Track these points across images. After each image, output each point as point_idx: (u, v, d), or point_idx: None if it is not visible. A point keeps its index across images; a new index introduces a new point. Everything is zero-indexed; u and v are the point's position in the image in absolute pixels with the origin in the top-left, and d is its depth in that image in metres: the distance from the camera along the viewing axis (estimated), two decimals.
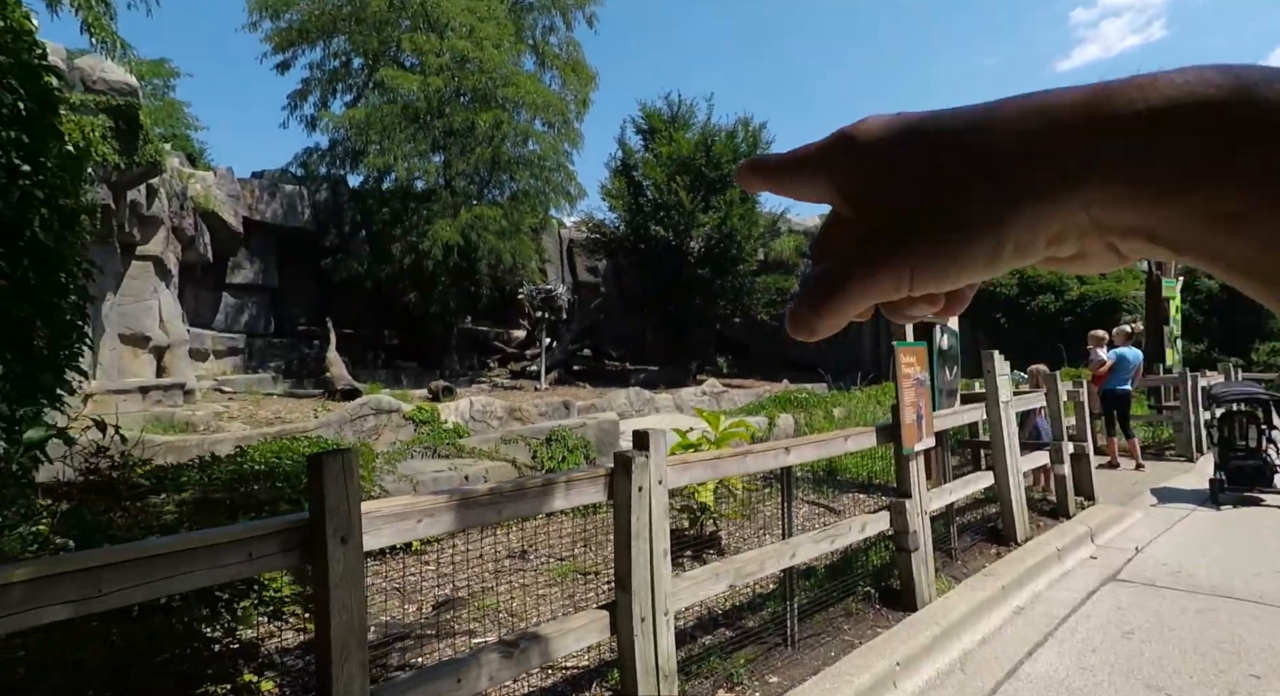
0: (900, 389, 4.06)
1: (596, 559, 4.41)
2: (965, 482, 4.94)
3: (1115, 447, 8.77)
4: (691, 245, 19.44)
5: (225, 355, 17.47)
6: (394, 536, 1.73)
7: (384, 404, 11.71)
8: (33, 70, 3.16)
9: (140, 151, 10.54)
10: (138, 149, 10.45)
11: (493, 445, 5.85)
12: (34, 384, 2.98)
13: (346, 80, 18.97)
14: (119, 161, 9.98)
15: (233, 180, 17.60)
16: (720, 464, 2.91)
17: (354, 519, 1.56)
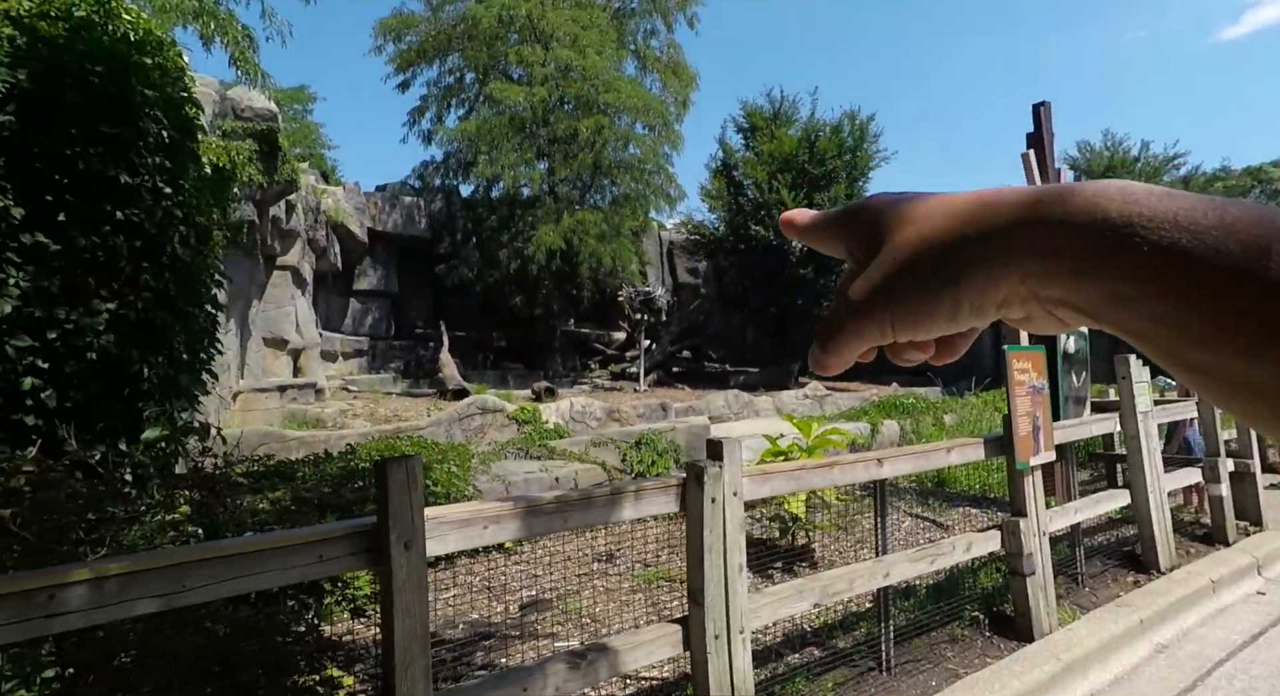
0: (1013, 397, 3.70)
1: (682, 566, 4.34)
2: (1094, 501, 4.44)
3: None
4: (794, 244, 18.92)
5: (352, 356, 18.87)
6: (459, 542, 1.75)
7: (489, 404, 12.24)
8: (175, 102, 3.51)
9: (279, 170, 11.58)
10: (277, 168, 11.49)
11: (583, 448, 5.92)
12: (174, 385, 3.31)
13: (460, 95, 19.98)
14: (262, 181, 11.03)
15: (359, 194, 19.01)
16: (804, 475, 2.76)
17: (417, 525, 1.59)
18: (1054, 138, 5.91)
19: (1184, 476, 5.26)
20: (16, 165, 2.92)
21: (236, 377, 11.83)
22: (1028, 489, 3.75)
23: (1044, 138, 5.75)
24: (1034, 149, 5.76)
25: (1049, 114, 5.79)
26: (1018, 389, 3.74)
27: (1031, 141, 5.81)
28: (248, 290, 12.40)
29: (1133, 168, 24.71)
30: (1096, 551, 4.82)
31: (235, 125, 10.65)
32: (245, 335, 12.70)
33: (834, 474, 2.91)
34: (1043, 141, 5.74)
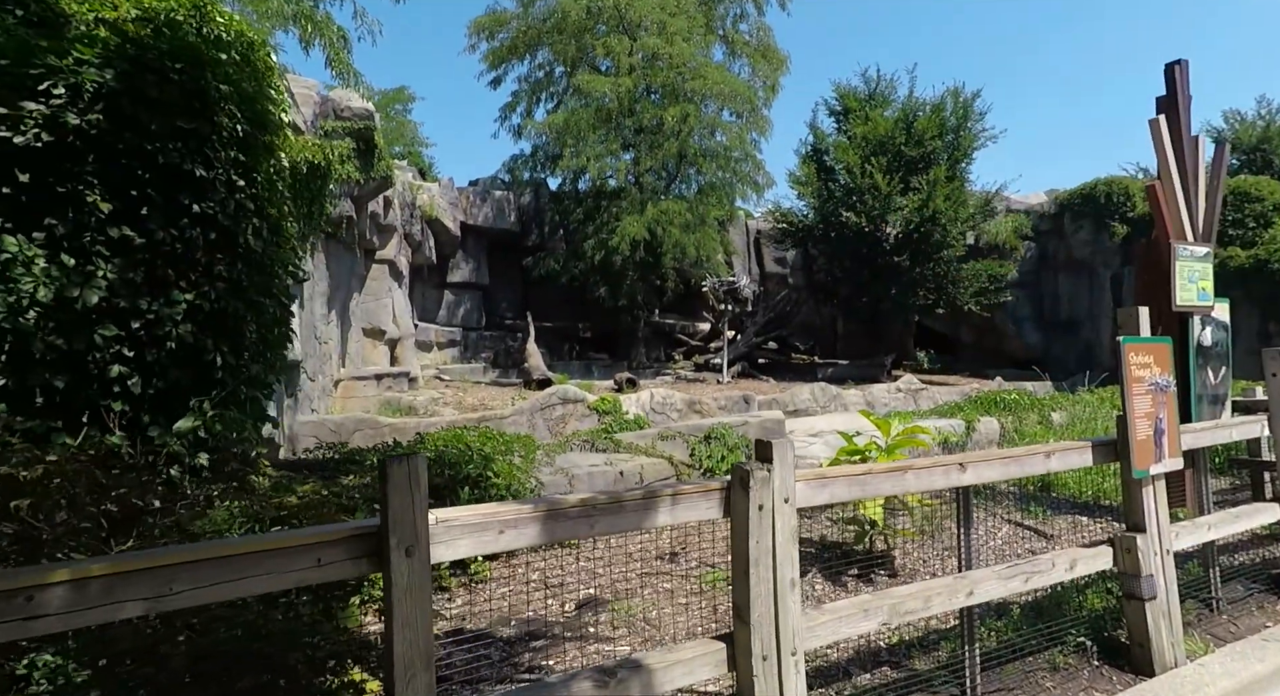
0: (1129, 396, 3.20)
1: None
2: (1234, 516, 3.81)
3: None
4: (887, 230, 17.93)
5: (445, 346, 19.62)
6: (471, 548, 1.62)
7: (570, 394, 12.33)
8: (249, 97, 3.61)
9: (375, 167, 12.08)
10: (373, 165, 12.00)
11: (650, 441, 5.76)
12: (245, 373, 3.41)
13: (549, 89, 20.20)
14: (359, 178, 11.54)
15: (452, 189, 19.66)
16: (870, 481, 2.46)
17: (420, 530, 1.47)
18: (1190, 101, 5.14)
19: None
20: (104, 161, 3.06)
21: (338, 366, 12.52)
22: (1147, 501, 3.24)
23: (1178, 101, 5.00)
24: (1166, 114, 5.02)
25: (1185, 74, 5.03)
26: (1135, 386, 3.22)
27: (1163, 106, 5.07)
28: (348, 282, 13.08)
29: None
30: (1237, 573, 4.15)
31: (335, 125, 11.19)
32: (346, 326, 13.42)
33: (907, 479, 2.58)
34: (1176, 106, 5.00)
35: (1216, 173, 5.31)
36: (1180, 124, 4.98)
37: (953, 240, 17.28)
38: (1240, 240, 15.27)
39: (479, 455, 4.18)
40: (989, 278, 17.93)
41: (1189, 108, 5.10)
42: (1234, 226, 15.31)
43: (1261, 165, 20.31)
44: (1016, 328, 20.26)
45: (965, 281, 17.90)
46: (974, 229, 18.28)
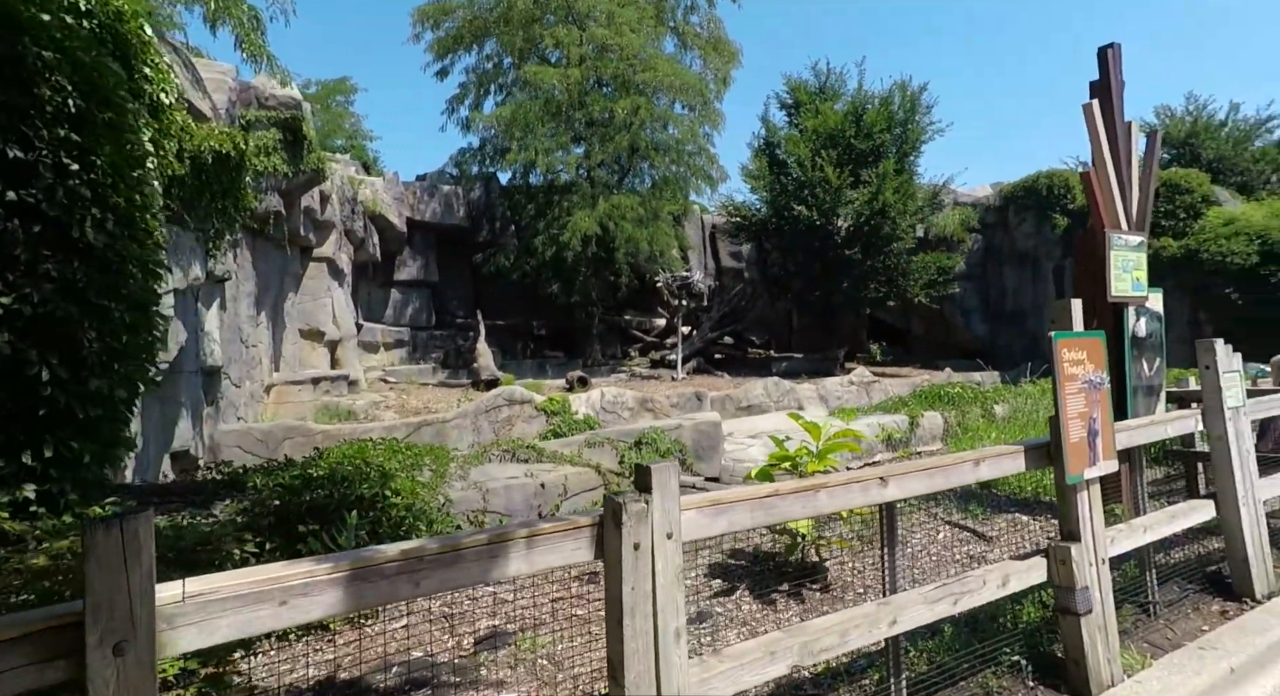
0: (1062, 395, 2.98)
1: None
2: (1169, 516, 3.65)
3: None
4: (839, 223, 17.89)
5: (392, 347, 18.92)
6: (236, 629, 1.25)
7: (517, 395, 11.89)
8: (86, 67, 3.12)
9: (305, 160, 11.40)
10: (303, 158, 11.32)
11: (575, 449, 5.41)
12: (83, 389, 2.94)
13: (497, 80, 19.61)
14: (287, 171, 10.86)
15: (398, 183, 18.94)
16: (776, 505, 2.16)
17: (139, 618, 1.10)
18: (1124, 86, 5.00)
19: None
20: None
21: (270, 370, 11.84)
22: (1081, 507, 3.03)
23: (1111, 86, 4.85)
24: (1099, 99, 4.87)
25: (1118, 58, 4.88)
26: (1069, 384, 3.01)
27: (1096, 91, 4.92)
28: (280, 281, 12.38)
29: (1218, 133, 22.44)
30: (1173, 573, 4.02)
31: (259, 115, 10.50)
32: (279, 327, 12.71)
33: (819, 500, 2.29)
34: (1109, 90, 4.85)
35: (1149, 161, 5.20)
36: (1113, 109, 4.84)
37: (902, 233, 17.33)
38: (1172, 231, 15.63)
39: (377, 472, 3.77)
40: (937, 270, 18.06)
41: (1122, 93, 4.97)
42: (1166, 217, 15.66)
43: (1190, 159, 20.93)
44: (965, 319, 20.51)
45: (915, 274, 17.99)
46: (923, 222, 18.39)
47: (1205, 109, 22.77)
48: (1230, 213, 15.23)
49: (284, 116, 10.79)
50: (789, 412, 5.07)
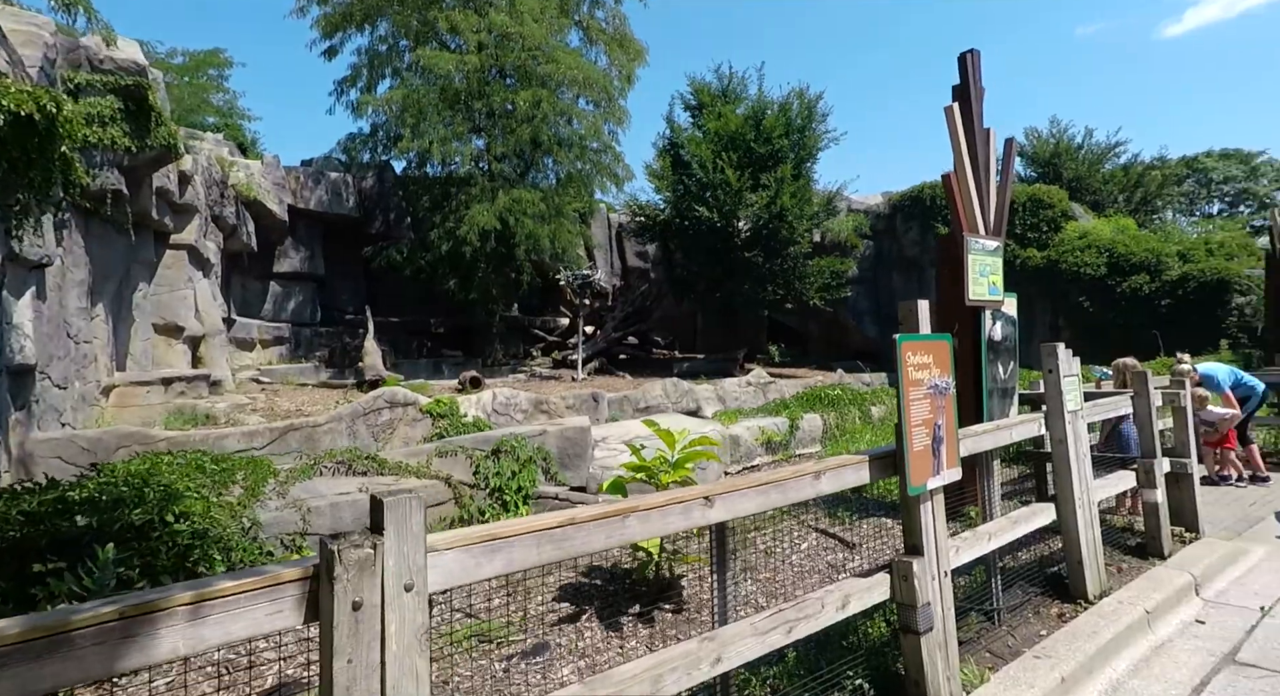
0: (905, 401, 2.83)
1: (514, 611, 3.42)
2: (1012, 522, 3.64)
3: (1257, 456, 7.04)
4: (739, 226, 18.08)
5: (271, 344, 17.50)
6: None
7: (399, 397, 11.13)
8: None
9: (153, 134, 10.15)
10: (150, 131, 10.07)
11: (424, 459, 4.93)
12: None
13: (392, 63, 18.49)
14: (129, 145, 9.59)
15: (278, 168, 17.51)
16: (573, 536, 1.83)
17: None
18: (983, 93, 5.07)
19: (1118, 482, 4.53)
20: None
21: (109, 369, 10.50)
22: (924, 519, 2.90)
23: (970, 91, 4.89)
24: (959, 103, 4.90)
25: (977, 64, 4.93)
26: (913, 390, 2.87)
27: (957, 94, 4.95)
28: (125, 270, 11.01)
29: (1076, 154, 24.45)
30: (1018, 576, 4.04)
31: (91, 78, 9.22)
32: (125, 321, 11.33)
33: (628, 527, 1.98)
34: (969, 95, 4.89)
35: (1006, 167, 5.31)
36: (973, 113, 4.88)
37: (799, 237, 17.70)
38: (1036, 242, 16.78)
39: (158, 492, 3.17)
40: (832, 274, 18.59)
41: (981, 98, 5.03)
42: (1031, 230, 16.79)
43: (1053, 177, 22.67)
44: (858, 322, 21.28)
45: (811, 277, 18.43)
46: (818, 227, 18.88)
47: (1066, 132, 24.76)
48: (1084, 227, 16.51)
49: (124, 83, 9.53)
50: (644, 420, 4.80)
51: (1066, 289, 15.96)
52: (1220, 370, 7.02)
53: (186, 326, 12.93)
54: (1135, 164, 25.26)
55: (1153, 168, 26.11)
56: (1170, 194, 28.26)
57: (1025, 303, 17.14)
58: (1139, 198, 24.52)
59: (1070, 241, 16.30)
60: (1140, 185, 24.66)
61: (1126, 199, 24.13)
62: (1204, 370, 6.91)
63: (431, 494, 4.43)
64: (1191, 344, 13.49)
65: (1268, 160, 31.79)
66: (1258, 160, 31.89)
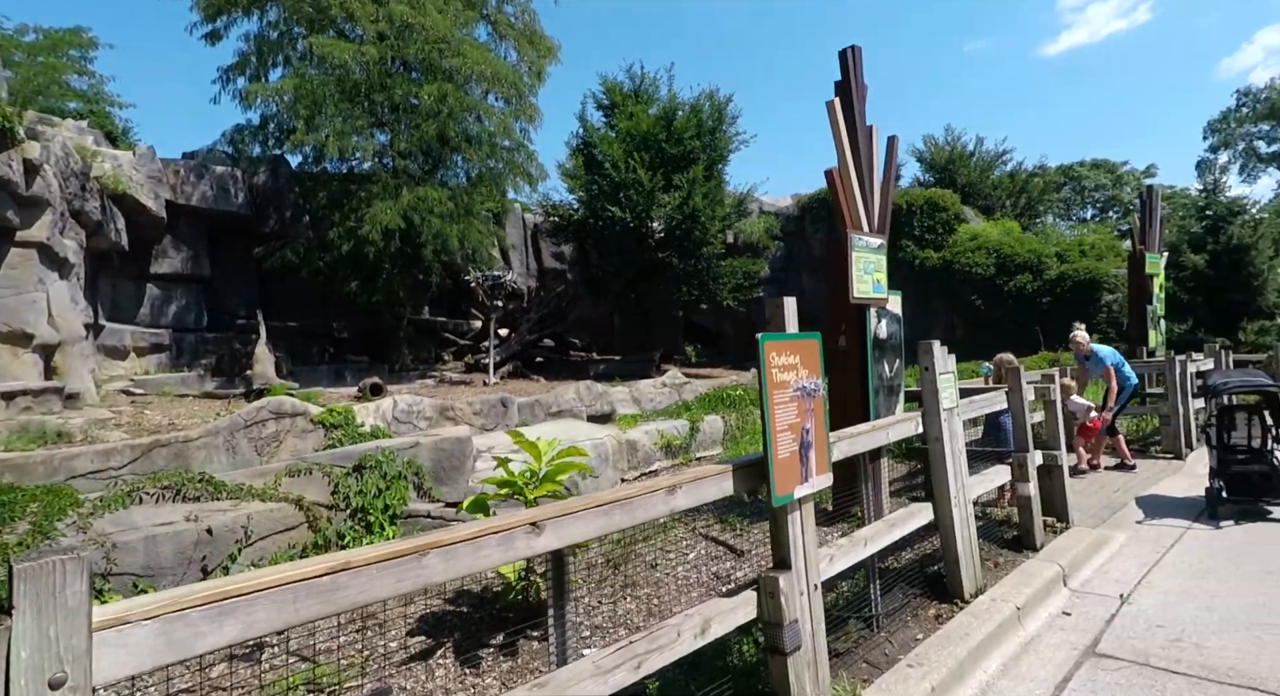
0: (770, 405, 2.64)
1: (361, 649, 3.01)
2: (889, 525, 3.54)
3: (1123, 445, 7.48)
4: (653, 226, 17.97)
5: (149, 352, 15.96)
6: None
7: (286, 407, 10.30)
8: None
9: None
10: None
11: (272, 479, 4.42)
12: None
13: (284, 51, 17.25)
14: None
15: (153, 160, 16.00)
16: (344, 585, 1.47)
17: None
18: (866, 90, 5.03)
19: (994, 476, 4.58)
20: None
21: None
22: (792, 530, 2.72)
23: (852, 87, 4.83)
24: (841, 99, 4.83)
25: (858, 60, 4.87)
26: (778, 393, 2.69)
27: (839, 90, 4.89)
28: None
29: (969, 161, 25.81)
30: (900, 577, 3.98)
31: None
32: None
33: (427, 567, 1.65)
34: (851, 91, 4.83)
35: (890, 164, 5.31)
36: (854, 110, 4.82)
37: (712, 237, 17.78)
38: (933, 244, 17.52)
39: None
40: (744, 274, 18.78)
41: (864, 96, 4.98)
42: (929, 232, 17.52)
43: (949, 182, 23.86)
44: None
45: (724, 278, 18.56)
46: (730, 228, 19.04)
47: (959, 140, 26.13)
48: (975, 229, 17.38)
49: None
50: (508, 430, 4.48)
51: (960, 288, 16.72)
52: (1108, 351, 7.42)
53: (37, 333, 11.52)
54: (1020, 171, 26.98)
55: (1035, 175, 27.98)
56: (1050, 199, 30.39)
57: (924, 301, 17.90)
58: (1024, 203, 26.19)
59: (963, 243, 17.10)
60: (1025, 191, 26.34)
61: (1013, 204, 25.71)
62: (1096, 347, 7.30)
63: (278, 519, 3.92)
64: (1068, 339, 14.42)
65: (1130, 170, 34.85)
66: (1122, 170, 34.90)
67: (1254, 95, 31.60)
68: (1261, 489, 5.18)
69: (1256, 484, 5.18)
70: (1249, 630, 3.38)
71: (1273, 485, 5.19)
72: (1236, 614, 3.59)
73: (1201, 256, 13.61)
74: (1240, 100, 31.82)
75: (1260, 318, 13.12)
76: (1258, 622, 3.46)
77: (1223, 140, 32.41)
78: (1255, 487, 5.19)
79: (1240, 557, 4.42)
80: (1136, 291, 11.11)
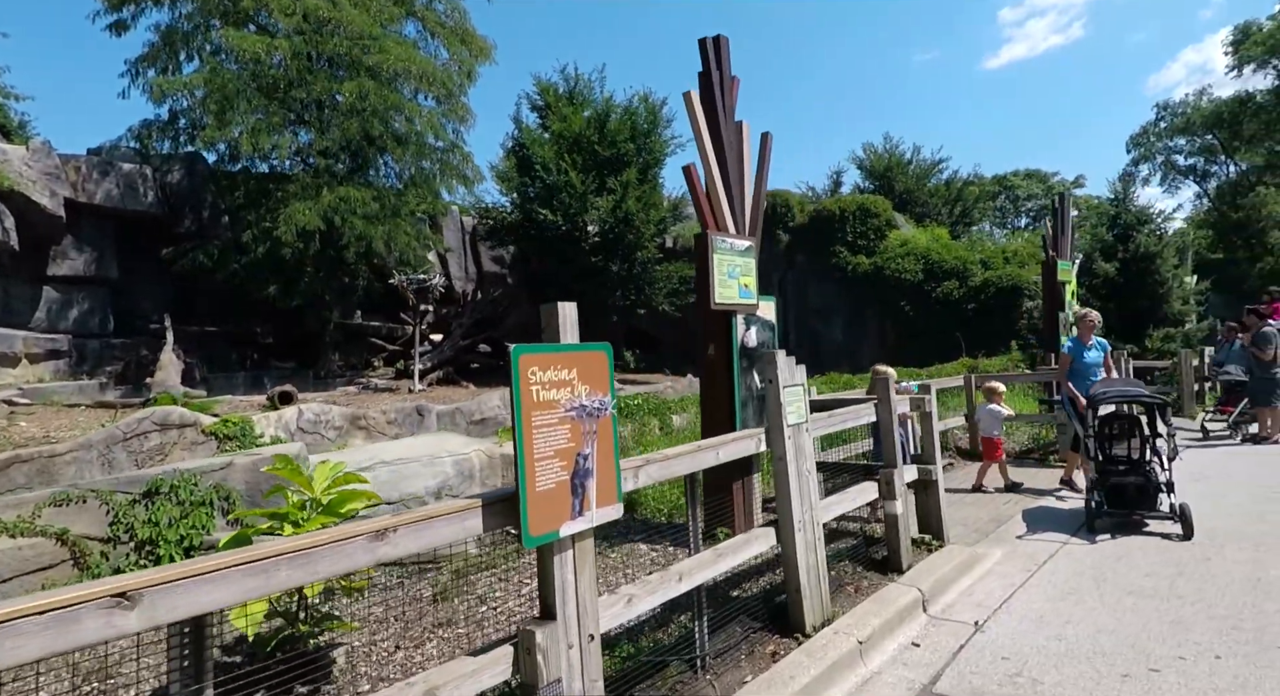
0: (525, 429, 2.24)
1: None
2: (717, 555, 3.17)
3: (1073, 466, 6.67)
4: (587, 229, 17.55)
5: (44, 359, 14.82)
6: None
7: (174, 417, 9.56)
8: None
9: None
10: None
11: (31, 509, 3.84)
12: None
13: (195, 44, 16.29)
14: None
15: (50, 155, 14.90)
16: None
17: None
18: (735, 83, 4.70)
19: (857, 496, 4.27)
20: None
21: None
22: (560, 573, 2.32)
23: (715, 78, 4.49)
24: (702, 90, 4.49)
25: (725, 51, 4.54)
26: (541, 414, 2.29)
27: (701, 82, 4.55)
28: None
29: (906, 169, 26.11)
30: (743, 609, 3.62)
31: None
32: None
33: None
34: (712, 82, 4.49)
35: (763, 162, 4.99)
36: (717, 103, 4.48)
37: (646, 241, 17.45)
38: (865, 250, 17.52)
39: None
40: (680, 279, 18.50)
41: (731, 88, 4.64)
42: (861, 237, 17.52)
43: (887, 190, 24.08)
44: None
45: (659, 282, 18.25)
46: (666, 232, 18.74)
47: (897, 148, 26.42)
48: (905, 235, 17.44)
49: None
50: (276, 455, 3.99)
51: (890, 294, 16.74)
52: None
53: None
54: (955, 179, 27.45)
55: (970, 183, 28.52)
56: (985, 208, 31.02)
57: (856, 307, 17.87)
58: (959, 211, 26.62)
59: (893, 249, 17.14)
60: (960, 199, 26.79)
61: (949, 212, 26.11)
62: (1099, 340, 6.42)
63: (28, 558, 3.35)
64: (990, 344, 14.50)
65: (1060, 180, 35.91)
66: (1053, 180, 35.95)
67: (1172, 109, 32.88)
68: (1137, 501, 5.02)
69: (1132, 496, 5.02)
70: (1089, 661, 3.12)
71: (1148, 497, 5.03)
72: (1083, 642, 3.33)
73: (1112, 264, 13.87)
74: (1159, 114, 33.08)
75: (1165, 324, 13.44)
76: (1100, 652, 3.20)
77: (1144, 154, 33.63)
78: (1131, 500, 5.03)
79: (1106, 576, 4.21)
80: (1050, 298, 11.16)
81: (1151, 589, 3.96)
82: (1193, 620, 3.51)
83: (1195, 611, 3.62)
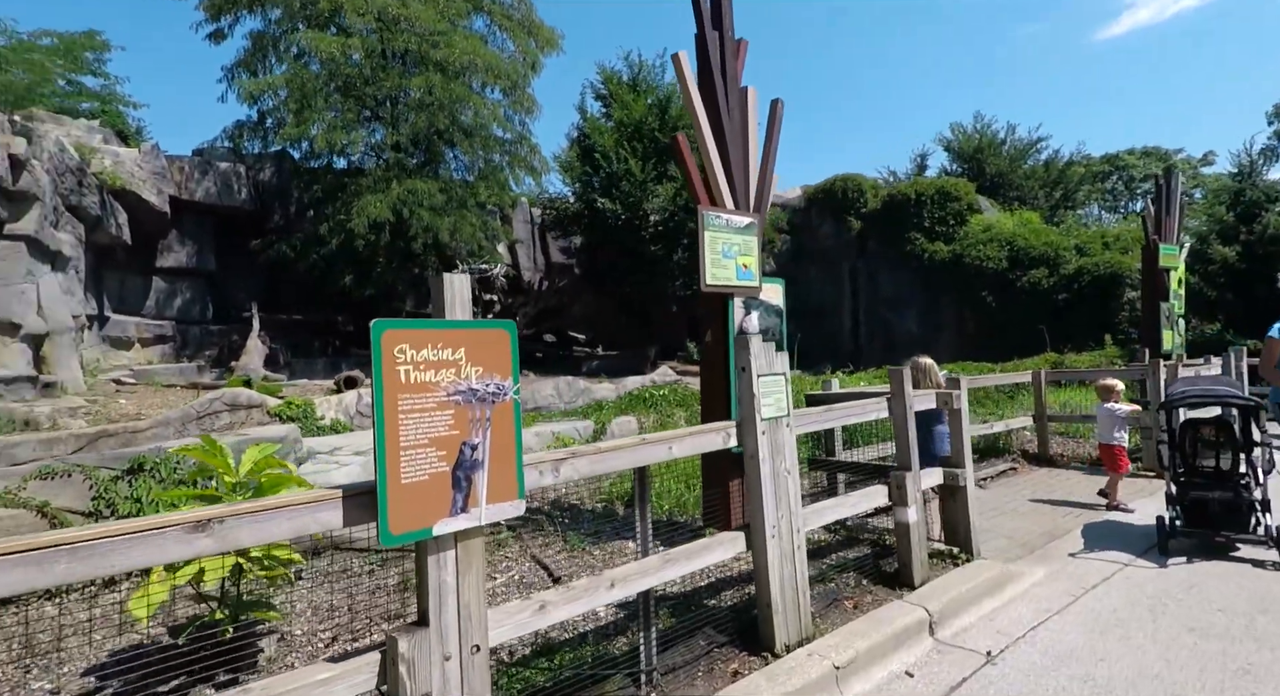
0: (388, 415, 1.98)
1: None
2: (664, 561, 2.81)
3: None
4: (649, 218, 17.25)
5: (153, 343, 16.21)
6: None
7: (242, 398, 10.13)
8: None
9: None
10: None
11: (18, 481, 3.97)
12: None
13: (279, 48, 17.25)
14: None
15: (158, 157, 16.19)
16: None
17: None
18: (741, 45, 4.25)
19: (856, 502, 3.75)
20: None
21: None
22: (437, 574, 2.06)
23: (710, 39, 4.06)
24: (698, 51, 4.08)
25: (725, 9, 4.10)
26: (410, 397, 2.02)
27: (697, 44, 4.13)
28: None
29: (999, 149, 24.12)
30: (711, 620, 3.24)
31: None
32: None
33: None
34: (708, 44, 4.06)
35: (772, 132, 4.51)
36: (714, 66, 4.05)
37: None
38: (944, 236, 16.23)
39: None
40: None
41: (736, 52, 4.20)
42: (939, 223, 16.24)
43: (977, 173, 22.27)
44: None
45: None
46: None
47: (989, 128, 24.40)
48: (988, 220, 16.01)
49: None
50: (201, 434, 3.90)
51: (970, 283, 15.44)
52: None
53: (24, 324, 11.68)
54: (1056, 160, 25.04)
55: (1074, 164, 25.95)
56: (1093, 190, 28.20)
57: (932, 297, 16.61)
58: (1059, 194, 24.30)
59: (975, 235, 15.80)
60: (1061, 182, 24.43)
61: (1047, 195, 23.88)
62: None
63: (7, 529, 3.48)
64: (1083, 338, 13.04)
65: (1184, 158, 32.02)
66: (1175, 158, 32.10)
67: None
68: (1222, 520, 4.18)
69: (1216, 513, 4.19)
70: None
71: (1238, 515, 4.18)
72: (1114, 688, 2.72)
73: (1232, 248, 12.03)
74: None
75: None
76: None
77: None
78: (1215, 518, 4.19)
79: (1166, 607, 3.50)
80: (1150, 286, 9.84)
81: (1221, 628, 3.23)
82: (1267, 671, 2.81)
83: (1273, 660, 2.90)
